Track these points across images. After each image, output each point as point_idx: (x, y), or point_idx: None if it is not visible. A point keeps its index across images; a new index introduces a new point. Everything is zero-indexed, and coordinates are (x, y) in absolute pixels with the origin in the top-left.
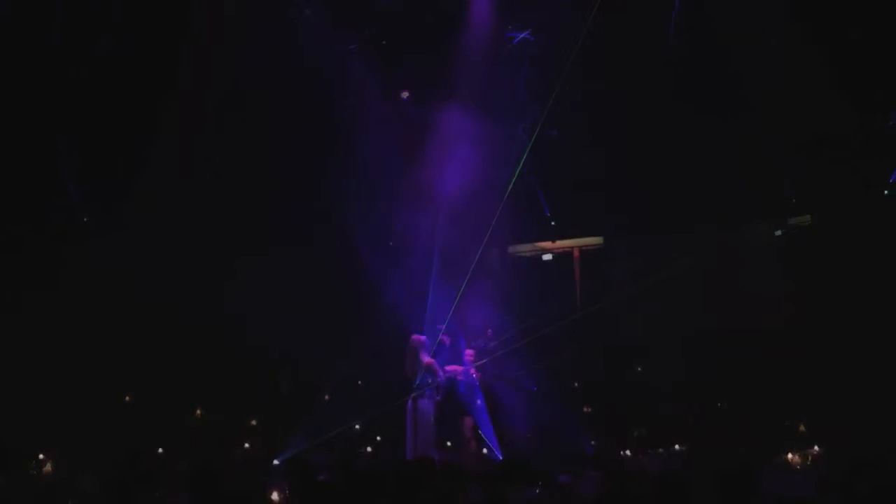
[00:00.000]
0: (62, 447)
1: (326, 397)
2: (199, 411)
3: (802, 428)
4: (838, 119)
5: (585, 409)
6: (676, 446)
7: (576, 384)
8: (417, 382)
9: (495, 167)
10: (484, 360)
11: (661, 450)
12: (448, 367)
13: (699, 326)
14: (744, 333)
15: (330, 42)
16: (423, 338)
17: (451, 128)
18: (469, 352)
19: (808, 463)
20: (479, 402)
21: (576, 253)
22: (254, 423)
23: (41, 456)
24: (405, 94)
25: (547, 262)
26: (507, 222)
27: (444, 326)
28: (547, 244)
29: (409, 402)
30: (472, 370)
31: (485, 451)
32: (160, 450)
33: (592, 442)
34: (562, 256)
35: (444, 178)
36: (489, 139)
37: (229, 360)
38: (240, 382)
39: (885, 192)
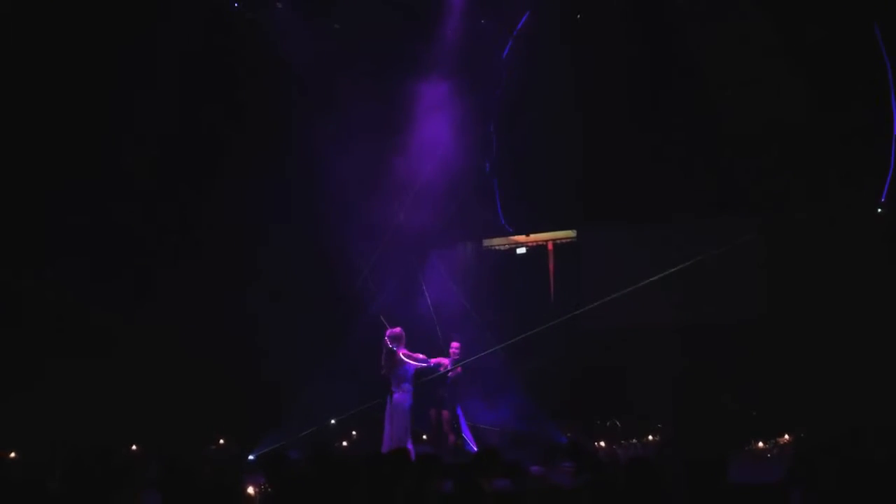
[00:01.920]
0: (29, 446)
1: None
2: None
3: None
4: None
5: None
6: (650, 437)
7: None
8: (397, 375)
9: (466, 157)
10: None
11: (634, 440)
12: (433, 360)
13: (678, 320)
14: (720, 327)
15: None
16: (397, 330)
17: (423, 111)
18: (455, 344)
19: (776, 451)
20: (457, 394)
21: (550, 246)
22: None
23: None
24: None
25: (521, 255)
26: (480, 215)
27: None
28: (521, 238)
29: (396, 395)
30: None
31: (462, 444)
32: (133, 447)
33: (567, 433)
34: (536, 250)
35: (415, 164)
36: (460, 125)
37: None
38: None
39: (879, 209)
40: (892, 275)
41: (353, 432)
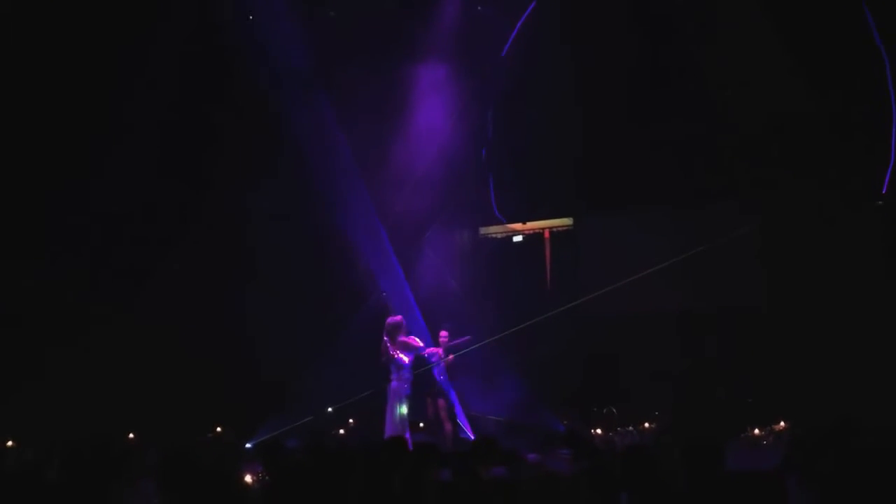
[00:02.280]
0: (27, 436)
1: None
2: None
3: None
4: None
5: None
6: (647, 424)
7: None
8: (397, 363)
9: (463, 144)
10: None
11: (630, 428)
12: (428, 350)
13: (675, 308)
14: (717, 315)
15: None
16: (398, 318)
17: (420, 97)
18: (444, 333)
19: (773, 437)
20: (450, 382)
21: (546, 234)
22: None
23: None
24: None
25: (518, 243)
26: (476, 203)
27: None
28: (517, 226)
29: (392, 383)
30: (442, 352)
31: (459, 432)
32: (130, 434)
33: (564, 421)
34: (532, 238)
35: (412, 150)
36: (457, 112)
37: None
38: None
39: (879, 202)
40: (891, 267)
41: (350, 420)
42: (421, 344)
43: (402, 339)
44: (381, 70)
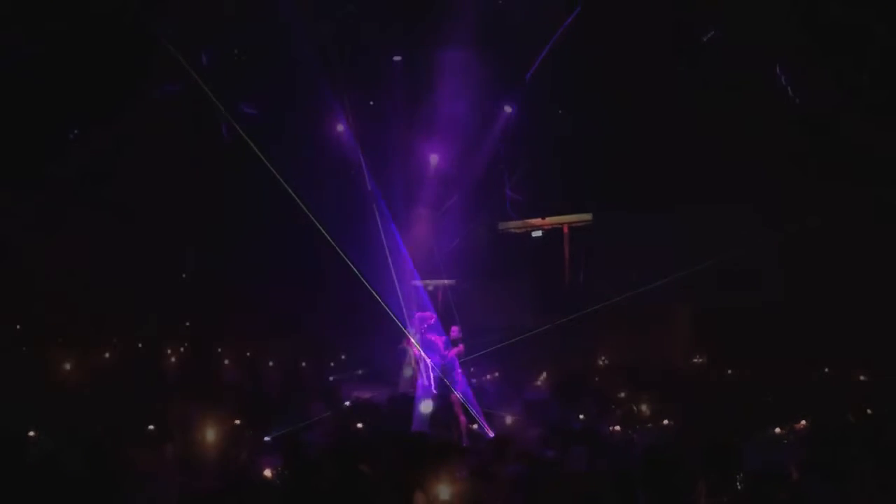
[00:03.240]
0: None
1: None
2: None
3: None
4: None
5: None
6: (665, 421)
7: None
8: (421, 360)
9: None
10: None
11: (649, 425)
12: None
13: (694, 305)
14: (737, 312)
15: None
16: (428, 315)
17: (443, 92)
18: (454, 328)
19: (792, 437)
20: (465, 379)
21: (565, 229)
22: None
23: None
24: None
25: (537, 238)
26: (496, 198)
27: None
28: (536, 221)
29: (420, 380)
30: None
31: (475, 426)
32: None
33: (580, 417)
34: (551, 233)
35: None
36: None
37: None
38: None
39: None
40: None
41: (370, 416)
42: (447, 353)
43: (430, 337)
44: (402, 62)
